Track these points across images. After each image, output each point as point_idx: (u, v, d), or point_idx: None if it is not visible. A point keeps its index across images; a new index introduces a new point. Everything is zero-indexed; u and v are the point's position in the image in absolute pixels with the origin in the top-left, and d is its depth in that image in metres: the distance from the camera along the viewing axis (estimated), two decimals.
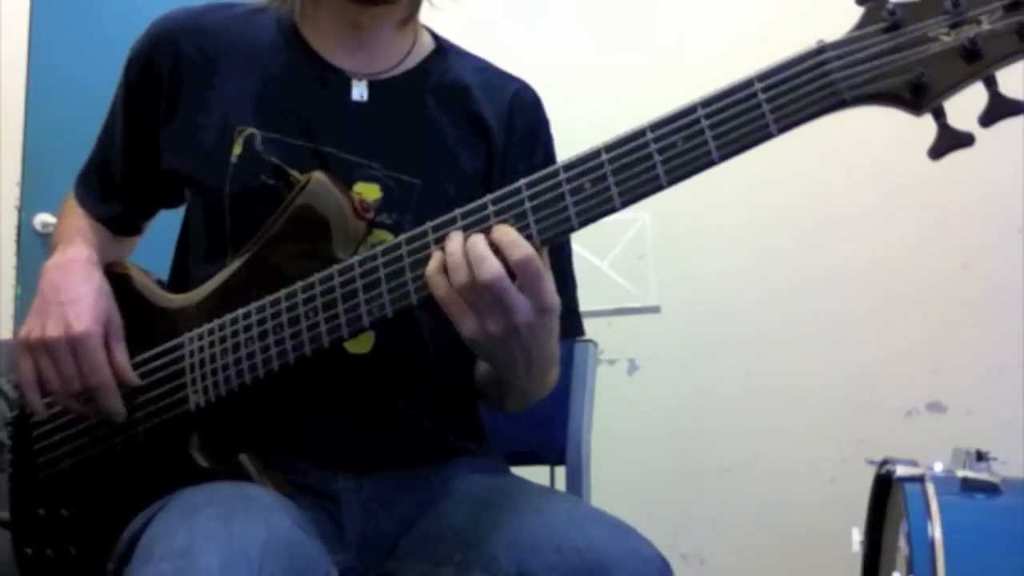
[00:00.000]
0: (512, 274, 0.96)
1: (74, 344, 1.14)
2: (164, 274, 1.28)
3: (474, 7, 2.54)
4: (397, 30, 1.25)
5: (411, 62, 1.26)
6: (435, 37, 1.32)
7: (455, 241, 0.98)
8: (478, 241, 0.97)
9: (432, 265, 1.00)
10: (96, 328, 1.15)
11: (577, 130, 1.26)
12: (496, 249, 0.96)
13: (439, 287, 0.98)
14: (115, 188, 1.32)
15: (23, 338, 1.16)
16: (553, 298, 0.98)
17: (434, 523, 1.15)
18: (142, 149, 1.26)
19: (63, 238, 1.27)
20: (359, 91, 1.22)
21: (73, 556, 1.21)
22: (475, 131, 1.25)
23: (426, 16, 1.29)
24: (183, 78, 1.22)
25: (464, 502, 1.15)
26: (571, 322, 1.27)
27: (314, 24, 1.25)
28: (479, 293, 0.96)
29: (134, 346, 1.19)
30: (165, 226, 1.37)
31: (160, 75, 1.23)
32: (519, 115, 1.28)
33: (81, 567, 1.20)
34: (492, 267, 0.95)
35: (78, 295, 1.16)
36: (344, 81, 1.22)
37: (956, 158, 0.91)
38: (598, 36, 2.67)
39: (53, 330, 1.14)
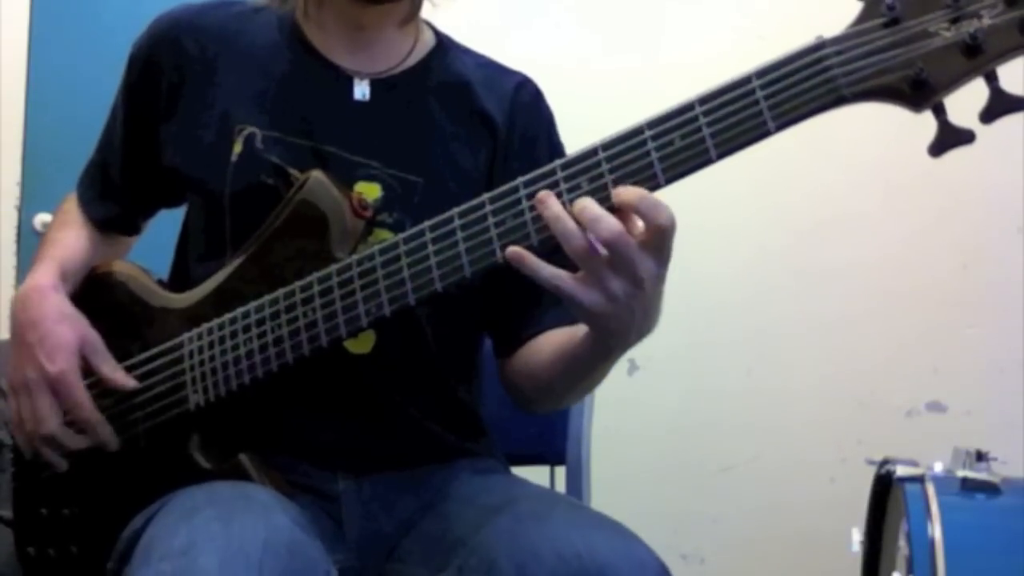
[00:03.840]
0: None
1: (52, 385, 1.16)
2: (164, 274, 1.28)
3: (474, 7, 2.54)
4: (399, 28, 1.25)
5: (413, 60, 1.26)
6: (436, 33, 1.31)
7: (554, 207, 0.95)
8: (588, 203, 0.94)
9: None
10: (69, 364, 1.16)
11: (574, 130, 1.26)
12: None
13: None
14: (113, 187, 1.32)
15: (8, 381, 1.19)
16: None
17: (435, 526, 1.14)
18: (141, 147, 1.26)
19: (38, 257, 1.28)
20: (361, 90, 1.22)
21: (75, 555, 1.21)
22: (478, 127, 1.25)
23: (427, 17, 1.29)
24: (184, 76, 1.22)
25: (465, 505, 1.14)
26: None
27: (317, 24, 1.24)
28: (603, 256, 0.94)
29: (132, 347, 1.19)
30: (165, 226, 1.37)
31: (161, 73, 1.23)
32: (520, 110, 1.28)
33: (83, 566, 1.20)
34: (611, 224, 0.92)
35: (44, 331, 1.17)
36: (346, 80, 1.22)
37: (956, 157, 0.91)
38: (596, 36, 2.66)
39: (31, 372, 1.16)
